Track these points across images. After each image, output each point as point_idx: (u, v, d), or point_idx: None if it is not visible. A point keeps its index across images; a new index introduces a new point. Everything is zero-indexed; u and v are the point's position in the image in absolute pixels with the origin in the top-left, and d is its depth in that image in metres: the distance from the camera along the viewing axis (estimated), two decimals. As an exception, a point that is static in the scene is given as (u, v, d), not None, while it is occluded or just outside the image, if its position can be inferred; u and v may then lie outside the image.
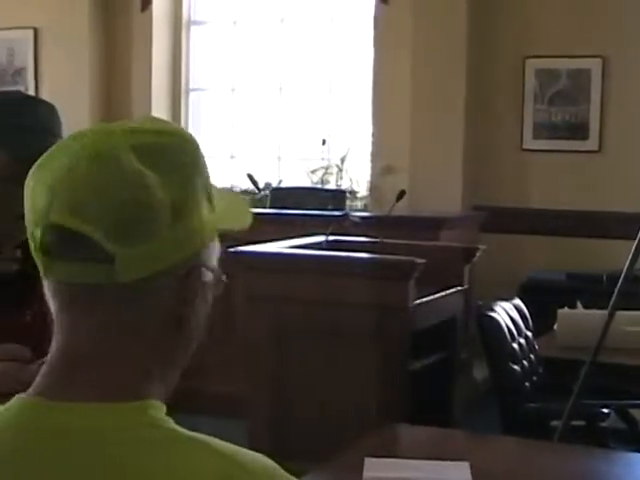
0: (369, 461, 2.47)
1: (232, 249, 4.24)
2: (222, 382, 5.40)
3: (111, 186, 1.05)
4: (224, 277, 1.22)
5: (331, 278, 4.05)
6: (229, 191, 1.22)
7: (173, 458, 1.03)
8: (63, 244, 1.07)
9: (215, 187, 1.19)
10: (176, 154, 1.11)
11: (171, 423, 1.08)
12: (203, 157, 1.16)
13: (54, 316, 1.11)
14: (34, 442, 1.03)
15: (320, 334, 4.03)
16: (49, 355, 1.11)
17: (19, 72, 8.20)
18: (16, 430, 1.05)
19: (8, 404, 1.08)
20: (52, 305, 1.11)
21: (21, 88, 7.99)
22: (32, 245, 1.11)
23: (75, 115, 7.72)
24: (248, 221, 1.23)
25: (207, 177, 1.16)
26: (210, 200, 1.14)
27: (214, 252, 1.17)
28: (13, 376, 1.69)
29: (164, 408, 1.11)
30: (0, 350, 1.80)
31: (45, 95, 8.02)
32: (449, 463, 2.50)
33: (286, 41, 7.78)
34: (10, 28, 8.11)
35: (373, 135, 7.13)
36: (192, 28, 8.08)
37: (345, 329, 4.00)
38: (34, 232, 1.09)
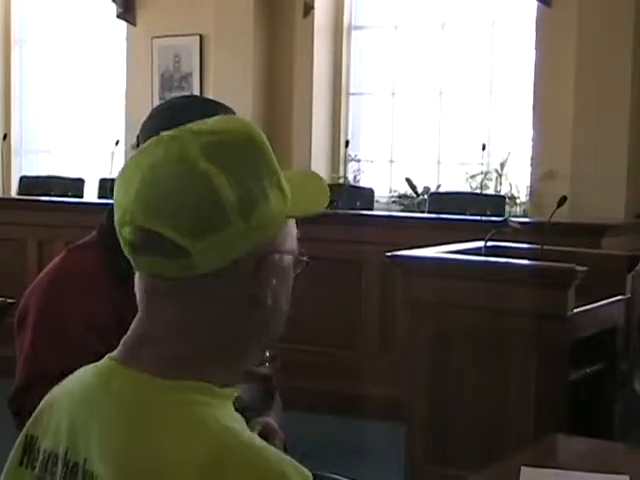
0: (526, 470, 2.46)
1: (391, 254, 4.28)
2: (383, 386, 5.44)
3: (182, 189, 1.18)
4: (304, 258, 1.33)
5: (490, 284, 4.03)
6: (308, 174, 1.38)
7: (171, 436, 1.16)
8: (146, 242, 1.21)
9: (292, 172, 1.31)
10: (240, 152, 1.22)
11: (208, 406, 1.20)
12: (268, 151, 1.25)
13: (137, 301, 1.29)
14: (100, 396, 1.24)
15: (478, 340, 4.02)
16: (130, 328, 1.30)
17: (185, 77, 8.44)
18: (92, 383, 1.27)
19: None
20: (137, 292, 1.28)
21: (187, 93, 8.22)
22: (121, 241, 1.25)
23: (238, 119, 7.90)
24: (322, 204, 1.34)
25: (273, 169, 1.24)
26: (281, 189, 1.24)
27: (289, 236, 1.29)
28: None
29: (200, 388, 1.21)
30: None
31: (210, 100, 8.22)
32: (608, 476, 2.46)
33: (447, 45, 7.76)
34: (177, 35, 8.36)
35: (534, 140, 7.04)
36: (353, 33, 8.15)
37: (504, 335, 3.97)
38: (122, 231, 1.24)
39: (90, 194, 7.68)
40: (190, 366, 1.22)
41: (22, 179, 8.31)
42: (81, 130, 9.44)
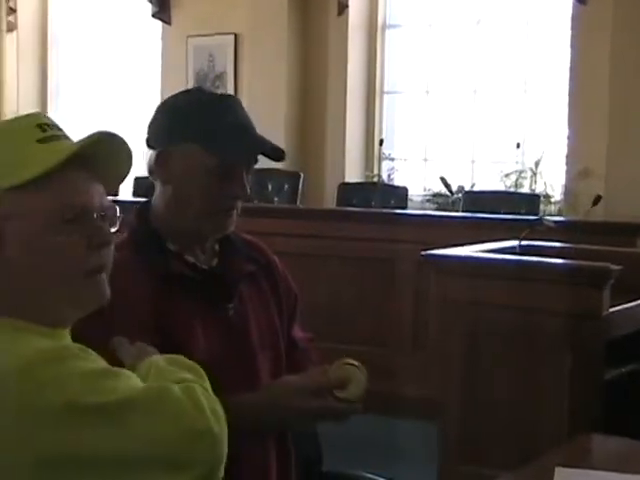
0: (560, 471, 2.45)
1: (425, 252, 4.27)
2: (416, 385, 5.44)
3: None
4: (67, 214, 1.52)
5: (524, 283, 4.02)
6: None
7: None
8: None
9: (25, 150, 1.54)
10: None
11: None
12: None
13: None
14: None
15: (512, 340, 4.00)
16: None
17: (219, 77, 8.47)
18: None
19: None
20: None
21: (221, 92, 8.24)
22: None
23: (272, 118, 7.90)
24: (34, 170, 1.51)
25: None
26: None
27: (7, 205, 1.51)
28: None
29: (14, 323, 1.52)
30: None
31: (244, 99, 8.24)
32: (644, 477, 2.44)
33: (481, 43, 7.74)
34: (212, 34, 8.39)
35: (569, 138, 7.01)
36: (387, 31, 8.14)
37: (538, 335, 3.95)
38: None
39: (125, 192, 7.73)
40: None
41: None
42: (116, 129, 9.48)
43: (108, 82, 9.59)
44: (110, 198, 1.69)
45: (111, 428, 1.42)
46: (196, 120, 2.01)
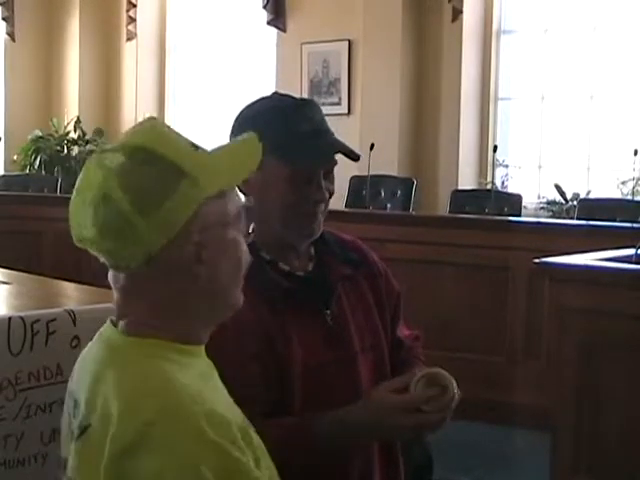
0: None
1: (540, 260, 4.23)
2: (529, 394, 5.38)
3: (94, 212, 1.46)
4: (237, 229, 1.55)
5: (641, 293, 3.95)
6: (240, 140, 1.66)
7: (124, 374, 1.45)
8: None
9: (228, 144, 1.59)
10: (139, 169, 1.46)
11: (144, 356, 1.47)
12: (167, 152, 1.48)
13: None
14: (93, 346, 1.57)
15: (629, 349, 3.93)
16: None
17: (333, 83, 8.52)
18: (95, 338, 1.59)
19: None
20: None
21: (335, 98, 8.31)
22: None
23: (386, 124, 7.93)
24: (240, 176, 1.59)
25: (172, 167, 1.46)
26: (188, 177, 1.46)
27: (210, 214, 1.49)
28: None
29: (159, 344, 1.48)
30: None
31: (357, 104, 8.29)
32: None
33: (598, 48, 7.63)
34: (326, 41, 8.45)
35: (689, 145, 6.85)
36: (502, 37, 8.09)
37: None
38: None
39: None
40: (147, 327, 1.49)
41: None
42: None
43: (224, 89, 9.74)
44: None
45: None
46: (266, 132, 2.01)
